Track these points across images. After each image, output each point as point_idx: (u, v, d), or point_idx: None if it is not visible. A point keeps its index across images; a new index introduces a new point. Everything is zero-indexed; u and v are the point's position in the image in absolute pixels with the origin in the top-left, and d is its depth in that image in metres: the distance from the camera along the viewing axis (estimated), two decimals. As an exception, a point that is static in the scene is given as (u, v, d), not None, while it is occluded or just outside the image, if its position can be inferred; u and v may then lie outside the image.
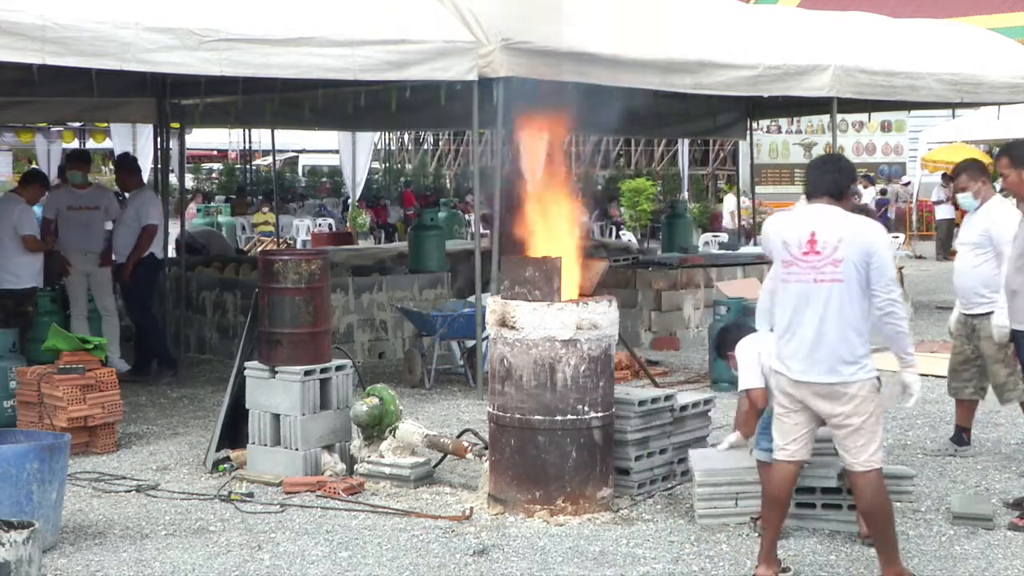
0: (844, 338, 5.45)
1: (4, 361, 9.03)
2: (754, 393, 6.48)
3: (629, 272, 13.46)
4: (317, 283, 7.71)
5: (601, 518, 6.70)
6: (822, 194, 5.64)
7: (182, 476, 7.77)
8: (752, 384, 6.48)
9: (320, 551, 6.25)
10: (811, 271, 5.49)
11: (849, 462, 5.56)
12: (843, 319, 5.44)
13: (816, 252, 5.48)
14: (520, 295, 6.74)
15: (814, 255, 5.49)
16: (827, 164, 5.81)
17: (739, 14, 13.27)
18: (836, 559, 6.11)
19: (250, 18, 9.00)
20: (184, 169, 20.13)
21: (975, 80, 13.61)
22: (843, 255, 5.43)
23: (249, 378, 7.73)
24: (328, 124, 19.45)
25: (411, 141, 46.49)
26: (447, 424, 9.02)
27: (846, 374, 5.46)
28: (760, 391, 6.49)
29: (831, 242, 5.46)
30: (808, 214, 5.64)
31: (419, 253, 13.84)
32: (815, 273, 5.48)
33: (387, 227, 28.66)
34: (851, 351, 5.46)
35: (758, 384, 6.47)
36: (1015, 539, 6.41)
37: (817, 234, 5.50)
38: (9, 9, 7.92)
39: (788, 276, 5.58)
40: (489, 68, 9.90)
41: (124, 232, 11.26)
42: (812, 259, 5.49)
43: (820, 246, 5.48)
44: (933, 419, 9.23)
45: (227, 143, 37.72)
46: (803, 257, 5.51)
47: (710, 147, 36.47)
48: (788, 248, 5.57)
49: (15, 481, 6.03)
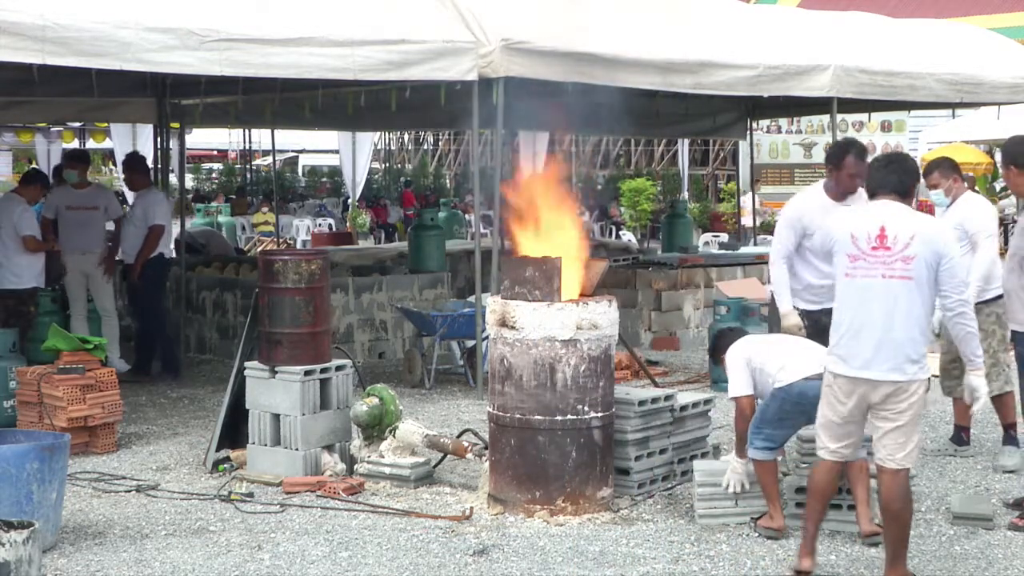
0: (911, 336, 5.43)
1: (4, 361, 9.03)
2: (742, 401, 6.55)
3: (629, 272, 13.46)
4: (317, 283, 7.71)
5: (601, 518, 6.70)
6: (888, 192, 5.61)
7: (182, 476, 7.77)
8: (739, 392, 6.55)
9: (320, 551, 6.25)
10: (880, 266, 5.45)
11: (883, 456, 5.53)
12: (911, 317, 5.42)
13: (886, 247, 5.45)
14: (520, 295, 6.74)
15: (883, 250, 5.45)
16: (893, 163, 5.76)
17: (739, 14, 13.25)
18: (836, 559, 6.11)
19: (250, 18, 9.00)
20: (184, 169, 20.12)
21: (975, 80, 13.60)
22: (915, 252, 5.41)
23: (249, 378, 7.73)
24: (328, 124, 19.43)
25: (411, 141, 46.48)
26: (447, 424, 9.02)
27: (910, 372, 5.44)
28: (748, 399, 6.55)
29: (902, 238, 5.43)
30: (877, 209, 5.60)
31: (419, 253, 13.84)
32: (884, 268, 5.44)
33: (387, 227, 28.65)
34: (916, 349, 5.45)
35: (745, 392, 6.53)
36: (1015, 539, 6.41)
37: (887, 228, 5.46)
38: (9, 9, 7.92)
39: (853, 271, 5.54)
40: (489, 68, 9.90)
41: (132, 232, 11.25)
42: (881, 254, 5.45)
43: (890, 241, 5.45)
44: (933, 419, 9.23)
45: (227, 143, 37.72)
46: (871, 252, 5.47)
47: (710, 147, 36.44)
48: (856, 242, 5.52)
49: (15, 481, 6.03)
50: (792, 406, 6.29)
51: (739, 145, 28.98)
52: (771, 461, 6.46)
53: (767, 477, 6.44)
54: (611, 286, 12.32)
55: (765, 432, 6.39)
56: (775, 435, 6.40)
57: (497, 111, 10.00)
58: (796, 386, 6.27)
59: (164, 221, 11.32)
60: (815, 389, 6.12)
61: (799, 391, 6.25)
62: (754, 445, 6.43)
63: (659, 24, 11.49)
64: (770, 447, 6.42)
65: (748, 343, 6.71)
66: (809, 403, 6.17)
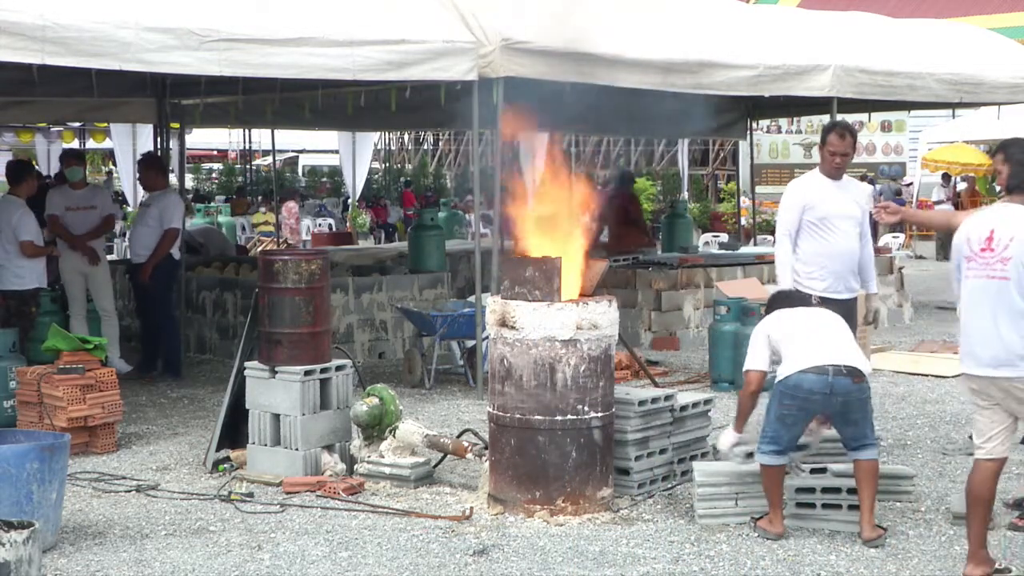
0: (1020, 334, 5.56)
1: (4, 361, 9.03)
2: (750, 375, 6.50)
3: (629, 272, 13.45)
4: (317, 283, 7.71)
5: (601, 518, 6.70)
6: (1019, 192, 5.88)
7: (182, 476, 7.77)
8: (749, 365, 6.51)
9: (320, 551, 6.25)
10: (985, 267, 5.64)
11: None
12: (1013, 314, 5.56)
13: (991, 249, 5.63)
14: (520, 295, 6.74)
15: (988, 252, 5.64)
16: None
17: (739, 14, 13.26)
18: (836, 559, 6.11)
19: (250, 18, 9.00)
20: (184, 169, 20.13)
21: (975, 80, 13.61)
22: (1011, 253, 5.58)
23: (249, 378, 7.73)
24: (328, 124, 19.45)
25: (411, 141, 46.47)
26: (447, 424, 9.02)
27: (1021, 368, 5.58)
28: (757, 374, 6.48)
29: (1003, 239, 5.61)
30: (994, 212, 5.84)
31: (419, 253, 13.83)
32: (988, 269, 5.63)
33: (387, 227, 28.65)
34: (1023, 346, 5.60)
35: (756, 366, 6.48)
36: (1015, 539, 6.41)
37: (996, 232, 5.65)
38: (9, 9, 7.91)
39: (968, 272, 5.73)
40: (489, 68, 9.90)
41: (145, 233, 11.22)
42: (987, 255, 5.64)
43: (995, 243, 5.63)
44: (933, 419, 9.23)
45: (227, 143, 37.69)
46: (980, 253, 5.67)
47: (710, 147, 36.45)
48: (970, 244, 5.72)
49: (15, 481, 6.03)
50: (790, 400, 6.27)
51: (739, 145, 29.00)
52: (778, 466, 6.38)
53: (771, 482, 6.40)
54: (611, 286, 12.32)
55: (769, 434, 6.38)
56: (780, 436, 6.34)
57: (497, 111, 10.00)
58: (792, 379, 6.27)
59: (179, 225, 11.31)
60: (809, 382, 6.15)
61: (794, 383, 6.25)
62: (761, 450, 6.40)
63: (659, 24, 11.49)
64: (776, 450, 6.35)
65: (776, 320, 6.63)
66: (803, 397, 6.17)
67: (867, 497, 6.32)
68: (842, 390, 6.23)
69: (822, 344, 6.37)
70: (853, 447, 6.38)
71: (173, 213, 11.29)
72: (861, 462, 6.33)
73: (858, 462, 6.35)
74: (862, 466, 6.32)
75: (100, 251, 11.36)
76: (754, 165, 19.97)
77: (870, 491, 6.32)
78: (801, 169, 30.46)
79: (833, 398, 6.24)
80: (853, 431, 6.35)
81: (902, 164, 32.01)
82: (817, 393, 6.22)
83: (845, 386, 6.22)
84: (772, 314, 6.71)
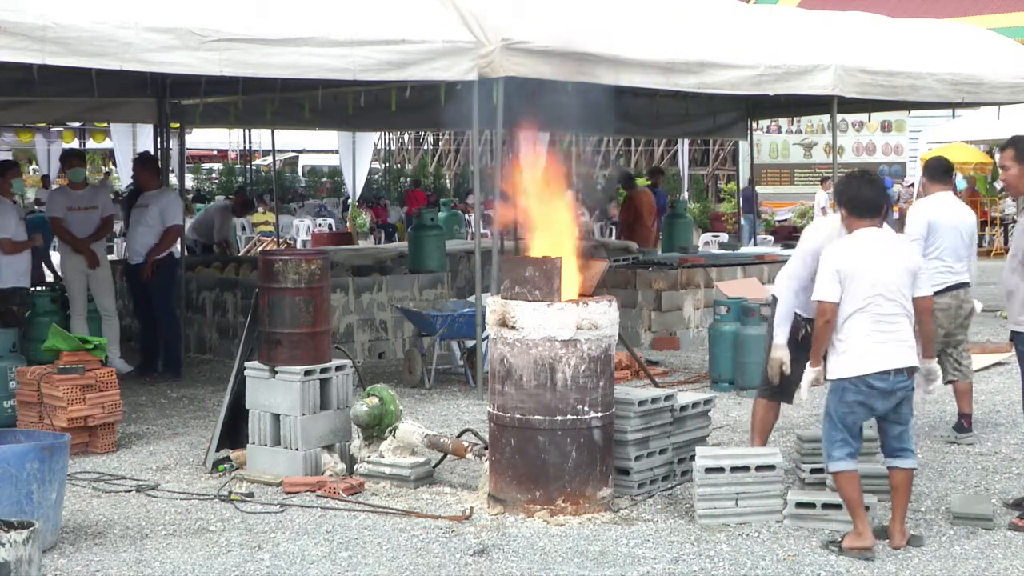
0: None
1: (4, 361, 9.03)
2: (824, 305, 6.16)
3: (629, 272, 13.46)
4: (317, 283, 7.70)
5: (601, 518, 6.70)
6: None
7: (182, 476, 7.77)
8: (824, 297, 6.17)
9: (320, 551, 6.25)
10: None
11: None
12: None
13: None
14: (520, 295, 6.74)
15: None
16: None
17: (739, 14, 13.26)
18: (836, 559, 6.10)
19: (250, 18, 9.00)
20: (184, 169, 20.14)
21: (975, 80, 13.61)
22: None
23: (249, 378, 7.73)
24: (328, 124, 19.43)
25: (411, 141, 46.49)
26: (447, 424, 9.02)
27: None
28: (831, 304, 6.14)
29: None
30: None
31: (419, 253, 13.84)
32: None
33: (387, 227, 28.65)
34: None
35: (831, 298, 6.14)
36: (1015, 539, 6.40)
37: None
38: (9, 9, 7.92)
39: None
40: (489, 68, 9.89)
41: (144, 232, 11.21)
42: None
43: None
44: (933, 419, 9.24)
45: (227, 143, 37.73)
46: None
47: (710, 147, 36.47)
48: None
49: (15, 481, 6.03)
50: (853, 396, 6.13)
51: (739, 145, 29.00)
52: (852, 471, 6.17)
53: (854, 489, 6.16)
54: (611, 286, 12.32)
55: (838, 438, 6.17)
56: (849, 438, 6.15)
57: (497, 111, 10.00)
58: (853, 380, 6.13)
59: (181, 221, 11.33)
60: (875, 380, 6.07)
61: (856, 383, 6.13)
62: (834, 457, 6.18)
63: (659, 24, 11.50)
64: (851, 452, 6.16)
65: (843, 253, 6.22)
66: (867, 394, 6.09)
67: (900, 506, 6.25)
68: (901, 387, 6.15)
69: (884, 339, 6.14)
70: (896, 451, 6.28)
71: (174, 211, 11.31)
72: (900, 471, 6.25)
73: (898, 470, 6.26)
74: (901, 475, 6.24)
75: (101, 252, 11.38)
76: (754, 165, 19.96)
77: (904, 499, 6.26)
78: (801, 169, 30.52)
79: (893, 396, 6.14)
80: (901, 431, 6.25)
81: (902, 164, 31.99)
82: (879, 391, 6.11)
83: (903, 383, 6.15)
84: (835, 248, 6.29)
